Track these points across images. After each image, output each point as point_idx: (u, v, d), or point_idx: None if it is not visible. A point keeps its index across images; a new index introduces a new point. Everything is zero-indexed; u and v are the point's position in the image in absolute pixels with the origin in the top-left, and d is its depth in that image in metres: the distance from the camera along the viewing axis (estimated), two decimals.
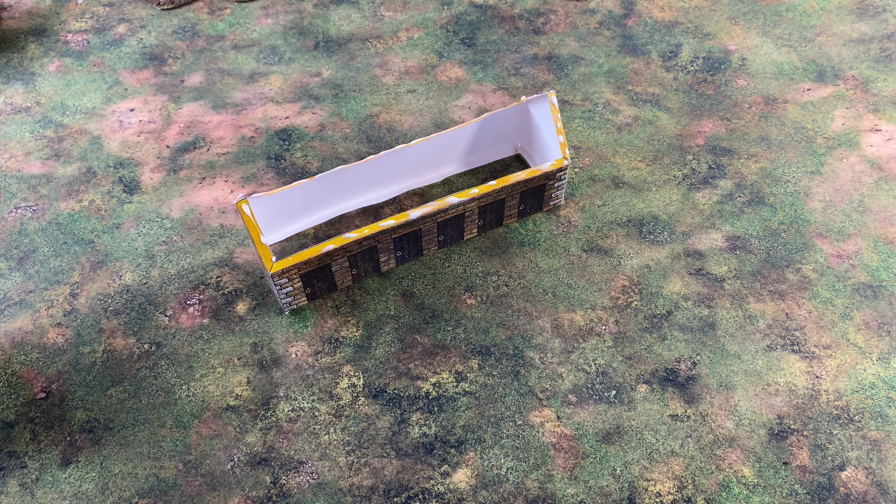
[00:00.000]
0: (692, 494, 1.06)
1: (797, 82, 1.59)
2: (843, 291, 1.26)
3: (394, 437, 1.12)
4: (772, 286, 1.28)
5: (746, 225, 1.36)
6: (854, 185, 1.41)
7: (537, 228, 1.37)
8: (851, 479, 1.06)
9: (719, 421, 1.12)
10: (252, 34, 1.75)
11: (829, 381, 1.16)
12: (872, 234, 1.34)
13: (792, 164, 1.45)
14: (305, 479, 1.09)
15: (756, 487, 1.06)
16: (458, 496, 1.06)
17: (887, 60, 1.62)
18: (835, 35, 1.69)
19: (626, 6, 1.78)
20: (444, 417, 1.14)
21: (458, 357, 1.21)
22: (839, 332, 1.22)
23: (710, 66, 1.64)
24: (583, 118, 1.55)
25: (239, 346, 1.23)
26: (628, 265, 1.31)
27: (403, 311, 1.27)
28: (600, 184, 1.44)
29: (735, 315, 1.24)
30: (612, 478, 1.08)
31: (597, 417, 1.13)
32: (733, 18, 1.74)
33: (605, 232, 1.36)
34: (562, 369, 1.19)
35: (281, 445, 1.12)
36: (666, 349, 1.20)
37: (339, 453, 1.11)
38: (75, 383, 1.20)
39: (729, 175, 1.44)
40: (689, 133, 1.51)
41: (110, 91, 1.64)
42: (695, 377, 1.17)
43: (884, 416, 1.12)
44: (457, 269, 1.32)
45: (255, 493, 1.08)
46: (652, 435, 1.12)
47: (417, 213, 1.24)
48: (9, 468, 1.11)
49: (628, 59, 1.66)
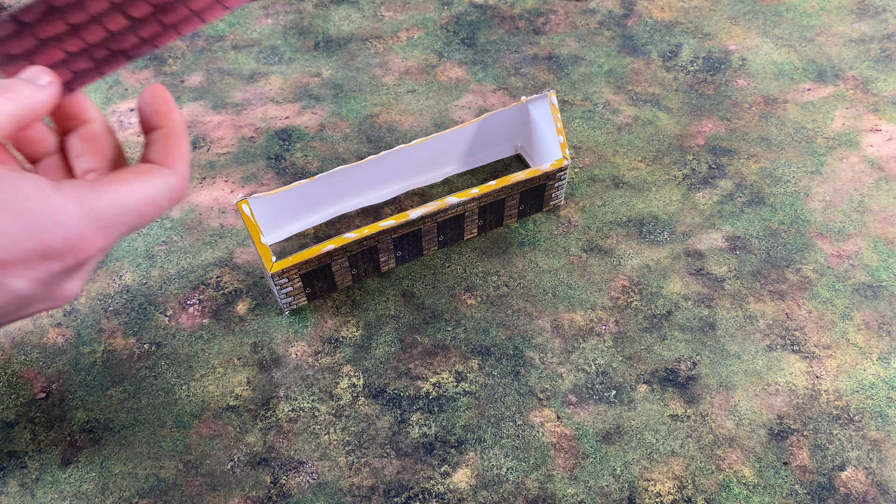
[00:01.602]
0: (692, 494, 1.06)
1: (797, 82, 1.60)
2: (843, 291, 1.26)
3: (394, 437, 1.12)
4: (772, 286, 1.28)
5: (746, 225, 1.36)
6: (854, 185, 1.41)
7: (537, 228, 1.37)
8: (851, 479, 1.06)
9: (719, 421, 1.12)
10: (252, 34, 1.75)
11: (829, 381, 1.16)
12: (872, 234, 1.34)
13: (792, 164, 1.45)
14: (305, 479, 1.09)
15: (756, 487, 1.06)
16: (458, 496, 1.06)
17: (887, 60, 1.62)
18: (835, 35, 1.69)
19: (626, 6, 1.78)
20: (444, 417, 1.14)
21: (458, 357, 1.21)
22: (839, 332, 1.22)
23: (710, 66, 1.64)
24: (583, 118, 1.55)
25: (239, 346, 1.23)
26: (628, 265, 1.31)
27: (403, 311, 1.27)
28: (600, 184, 1.44)
29: (735, 315, 1.24)
30: (612, 478, 1.08)
31: (597, 417, 1.13)
32: (733, 18, 1.74)
33: (605, 232, 1.36)
34: (562, 369, 1.19)
35: (281, 445, 1.12)
36: (666, 349, 1.20)
37: (339, 453, 1.11)
38: (75, 383, 1.20)
39: (729, 175, 1.44)
40: (689, 133, 1.51)
41: (110, 91, 1.64)
42: (695, 377, 1.17)
43: (884, 416, 1.12)
44: (457, 269, 1.32)
45: (255, 493, 1.08)
46: (652, 435, 1.12)
47: (417, 213, 1.24)
48: (9, 468, 1.11)
49: (628, 59, 1.66)
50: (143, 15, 0.81)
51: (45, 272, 0.53)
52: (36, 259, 0.52)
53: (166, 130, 0.63)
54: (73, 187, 0.54)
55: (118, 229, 0.56)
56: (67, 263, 0.53)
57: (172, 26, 0.82)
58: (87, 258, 0.55)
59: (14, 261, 0.51)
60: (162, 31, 0.81)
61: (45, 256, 0.52)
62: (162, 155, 0.61)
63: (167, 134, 0.63)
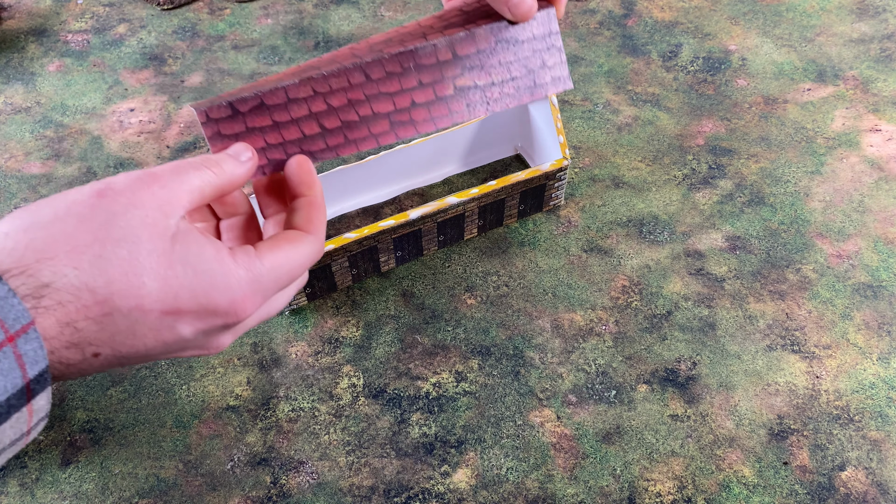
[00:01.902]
0: (692, 494, 1.06)
1: (797, 82, 1.60)
2: (843, 291, 1.26)
3: (394, 437, 1.12)
4: (772, 286, 1.28)
5: (746, 225, 1.36)
6: (854, 185, 1.41)
7: (537, 228, 1.37)
8: (851, 479, 1.06)
9: (719, 421, 1.12)
10: (252, 34, 1.75)
11: (829, 381, 1.16)
12: (872, 234, 1.34)
13: (792, 164, 1.45)
14: (305, 479, 1.09)
15: (756, 487, 1.06)
16: (458, 496, 1.06)
17: (887, 60, 1.62)
18: (835, 35, 1.69)
19: (626, 6, 1.78)
20: (444, 417, 1.14)
21: (458, 357, 1.21)
22: (839, 332, 1.22)
23: (710, 66, 1.64)
24: (583, 118, 1.55)
25: (239, 346, 1.23)
26: (628, 265, 1.31)
27: (403, 311, 1.27)
28: (600, 184, 1.44)
29: (735, 315, 1.24)
30: (612, 478, 1.08)
31: (597, 417, 1.13)
32: (733, 18, 1.74)
33: (605, 232, 1.36)
34: (562, 369, 1.19)
35: (281, 445, 1.12)
36: (666, 349, 1.20)
37: (339, 453, 1.11)
38: (75, 383, 1.20)
39: (729, 175, 1.44)
40: (689, 133, 1.51)
41: (110, 91, 1.64)
42: (695, 377, 1.17)
43: (884, 416, 1.12)
44: (457, 269, 1.32)
45: (255, 493, 1.08)
46: (652, 435, 1.12)
47: (417, 213, 1.24)
48: (9, 468, 1.11)
49: (628, 59, 1.66)
50: (333, 127, 0.97)
51: (209, 325, 0.61)
52: (204, 313, 0.60)
53: (309, 199, 0.72)
54: (245, 254, 0.63)
55: (274, 292, 0.65)
56: (228, 321, 0.62)
57: (353, 141, 0.98)
58: (244, 318, 0.63)
59: (187, 311, 0.59)
60: (344, 142, 0.97)
61: (212, 312, 0.61)
62: (305, 221, 0.70)
63: (310, 202, 0.72)
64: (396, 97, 1.04)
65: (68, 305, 0.57)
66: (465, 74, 1.12)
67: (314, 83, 0.96)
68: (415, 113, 1.06)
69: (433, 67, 1.07)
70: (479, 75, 1.13)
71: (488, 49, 1.14)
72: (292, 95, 0.94)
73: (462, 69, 1.12)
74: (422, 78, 1.05)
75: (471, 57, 1.12)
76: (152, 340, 0.60)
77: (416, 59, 1.04)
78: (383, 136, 1.03)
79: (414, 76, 1.05)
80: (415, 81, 1.06)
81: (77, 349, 0.58)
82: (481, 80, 1.14)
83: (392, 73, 1.03)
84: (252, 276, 0.63)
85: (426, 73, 1.06)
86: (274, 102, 0.92)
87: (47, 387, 0.57)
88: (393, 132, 1.05)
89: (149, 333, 0.60)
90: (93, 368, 0.60)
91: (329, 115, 0.98)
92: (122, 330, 0.59)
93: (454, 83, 1.10)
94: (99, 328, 0.58)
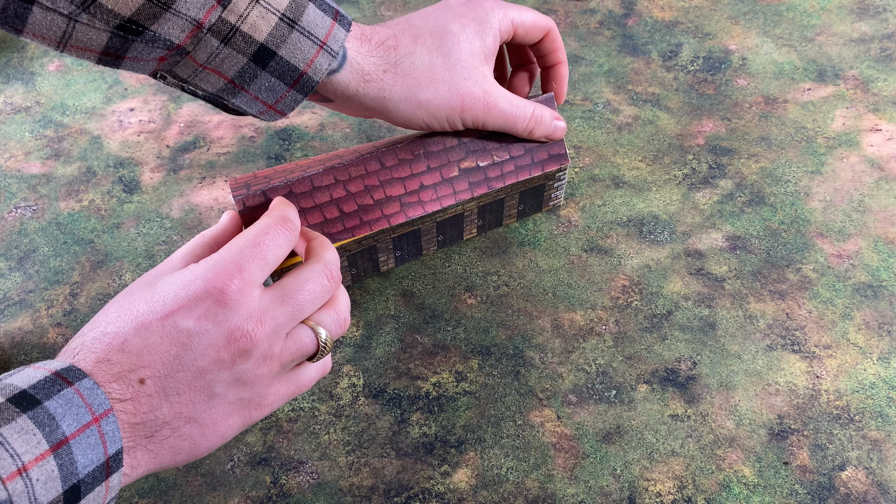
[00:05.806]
0: (692, 494, 1.06)
1: (797, 82, 1.59)
2: (843, 291, 1.26)
3: (394, 437, 1.12)
4: (772, 286, 1.27)
5: (747, 225, 1.36)
6: (854, 185, 1.41)
7: (537, 228, 1.37)
8: (851, 478, 1.06)
9: (719, 421, 1.12)
10: None
11: (830, 381, 1.16)
12: (873, 234, 1.34)
13: (792, 163, 1.45)
14: (305, 479, 1.09)
15: (756, 487, 1.06)
16: (458, 496, 1.06)
17: (887, 60, 1.62)
18: (835, 35, 1.68)
19: (626, 6, 1.78)
20: (444, 417, 1.14)
21: (458, 357, 1.21)
22: (839, 332, 1.22)
23: (710, 66, 1.64)
24: (583, 118, 1.55)
25: None
26: (628, 265, 1.31)
27: (403, 311, 1.27)
28: (600, 184, 1.44)
29: (735, 315, 1.24)
30: (613, 478, 1.08)
31: (597, 417, 1.13)
32: (733, 18, 1.74)
33: (605, 232, 1.36)
34: (562, 369, 1.19)
35: (281, 445, 1.12)
36: (666, 349, 1.20)
37: (339, 453, 1.11)
38: None
39: (729, 175, 1.44)
40: (689, 133, 1.51)
41: (110, 91, 1.64)
42: (695, 377, 1.17)
43: (884, 416, 1.12)
44: (457, 268, 1.32)
45: (255, 493, 1.08)
46: (652, 435, 1.11)
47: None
48: None
49: (628, 59, 1.66)
50: (351, 211, 1.10)
51: (203, 309, 0.73)
52: (192, 302, 0.74)
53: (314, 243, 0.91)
54: None
55: (252, 264, 0.78)
56: (215, 298, 0.73)
57: (367, 223, 1.13)
58: (228, 289, 0.74)
59: (178, 308, 0.73)
60: (360, 224, 1.12)
61: (197, 298, 0.73)
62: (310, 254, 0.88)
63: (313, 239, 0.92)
64: (407, 181, 1.15)
65: (97, 343, 0.70)
66: (468, 157, 1.21)
67: (336, 172, 1.07)
68: (423, 194, 1.18)
69: (440, 153, 1.17)
70: (481, 157, 1.22)
71: (490, 133, 1.22)
72: (317, 183, 1.05)
73: (466, 152, 1.20)
74: (430, 163, 1.14)
75: (475, 141, 1.20)
76: (168, 345, 0.70)
77: (426, 147, 1.13)
78: (394, 216, 1.16)
79: (423, 162, 1.17)
80: (423, 167, 1.17)
81: (123, 381, 0.68)
82: (483, 161, 1.22)
83: (404, 160, 1.14)
84: (220, 255, 0.75)
85: (434, 158, 1.16)
86: (301, 190, 1.04)
87: (121, 467, 0.66)
88: (403, 213, 1.16)
89: (162, 342, 0.70)
90: (153, 412, 0.70)
91: (348, 200, 1.10)
92: (139, 348, 0.70)
93: (459, 165, 1.20)
94: (123, 356, 0.69)
